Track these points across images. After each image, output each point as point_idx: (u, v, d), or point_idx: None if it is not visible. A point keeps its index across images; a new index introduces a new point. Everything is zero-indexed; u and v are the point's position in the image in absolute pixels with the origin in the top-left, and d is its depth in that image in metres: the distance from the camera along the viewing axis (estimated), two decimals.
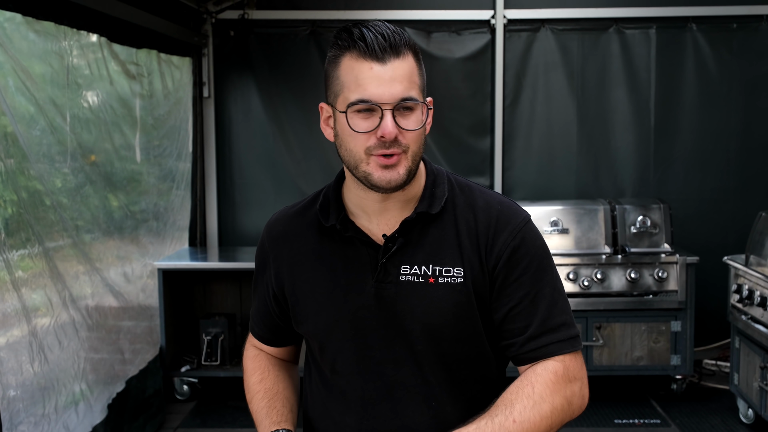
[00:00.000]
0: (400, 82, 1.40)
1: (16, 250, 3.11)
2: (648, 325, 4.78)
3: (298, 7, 5.58)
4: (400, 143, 1.41)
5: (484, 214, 1.50)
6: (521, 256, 1.48)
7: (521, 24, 5.52)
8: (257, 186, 5.73)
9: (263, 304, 1.67)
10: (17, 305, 3.09)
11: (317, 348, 1.56)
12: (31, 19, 3.25)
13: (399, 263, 1.48)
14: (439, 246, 1.48)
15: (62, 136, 3.55)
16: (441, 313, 1.47)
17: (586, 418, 4.58)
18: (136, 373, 4.31)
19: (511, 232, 1.49)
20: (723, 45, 5.48)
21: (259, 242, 1.68)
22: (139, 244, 4.55)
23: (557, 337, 1.48)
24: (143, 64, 4.51)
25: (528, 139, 5.61)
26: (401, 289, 1.48)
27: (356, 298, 1.50)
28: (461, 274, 1.47)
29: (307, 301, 1.55)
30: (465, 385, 1.53)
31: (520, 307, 1.48)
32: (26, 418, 3.11)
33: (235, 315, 5.29)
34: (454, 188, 1.54)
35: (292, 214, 1.64)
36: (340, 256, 1.53)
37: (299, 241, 1.58)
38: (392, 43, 1.41)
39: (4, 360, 2.98)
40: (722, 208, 5.52)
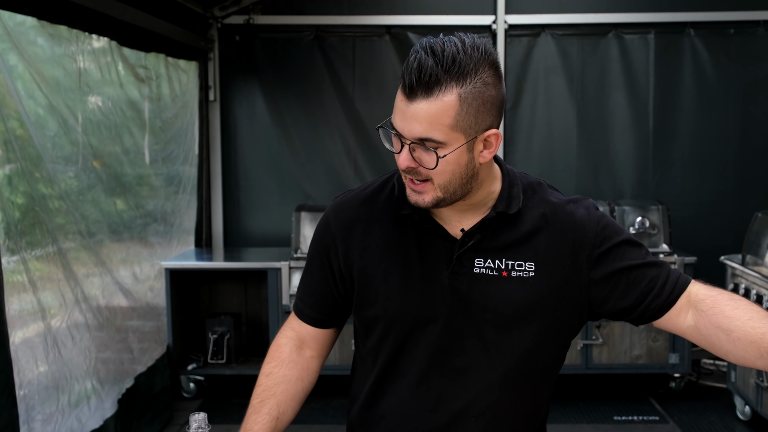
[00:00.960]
0: (420, 123, 1.39)
1: (31, 250, 3.20)
2: (647, 324, 4.85)
3: (302, 13, 5.67)
4: (420, 173, 1.44)
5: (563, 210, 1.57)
6: (610, 230, 1.56)
7: (522, 29, 5.62)
8: (262, 188, 5.82)
9: (322, 284, 1.67)
10: (33, 304, 3.18)
11: (381, 331, 1.59)
12: (45, 23, 3.34)
13: (473, 256, 1.53)
14: (513, 241, 1.54)
15: (74, 137, 3.64)
16: (512, 305, 1.52)
17: (585, 414, 4.66)
18: (144, 371, 4.39)
19: (595, 221, 1.56)
20: (720, 50, 5.58)
21: (321, 225, 1.67)
22: (147, 245, 4.64)
23: (675, 271, 1.58)
24: (151, 68, 4.61)
25: (529, 142, 5.71)
26: (474, 281, 1.53)
27: (430, 287, 1.54)
28: (533, 268, 1.52)
29: (378, 286, 1.57)
30: (528, 376, 1.57)
31: (639, 256, 1.56)
32: (41, 412, 3.20)
33: (241, 314, 5.38)
34: (527, 189, 1.58)
35: (362, 199, 1.64)
36: (414, 245, 1.56)
37: (372, 226, 1.60)
38: (428, 82, 1.38)
39: (21, 356, 3.06)
40: (720, 210, 5.61)
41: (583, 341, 4.87)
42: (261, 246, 5.74)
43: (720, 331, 1.49)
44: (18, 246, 3.08)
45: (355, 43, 5.68)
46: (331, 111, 5.72)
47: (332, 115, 5.73)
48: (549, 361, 1.60)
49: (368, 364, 1.66)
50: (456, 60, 1.37)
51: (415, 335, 1.55)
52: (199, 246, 5.59)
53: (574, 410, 4.73)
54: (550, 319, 1.55)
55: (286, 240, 5.53)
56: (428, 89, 1.37)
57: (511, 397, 1.56)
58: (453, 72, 1.37)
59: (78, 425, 3.48)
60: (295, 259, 4.94)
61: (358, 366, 1.72)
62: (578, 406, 4.81)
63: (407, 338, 1.56)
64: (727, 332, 1.48)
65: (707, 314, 1.50)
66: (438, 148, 1.40)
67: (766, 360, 1.43)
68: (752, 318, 1.45)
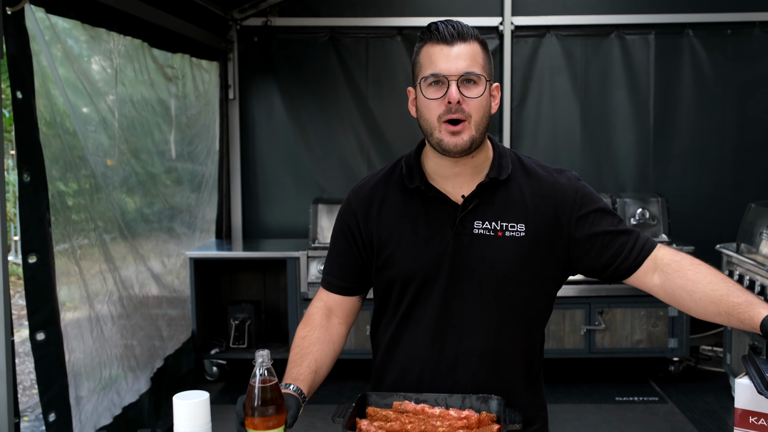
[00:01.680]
0: (464, 59, 1.72)
1: (77, 239, 3.47)
2: (647, 311, 5.12)
3: (318, 15, 5.93)
4: (464, 110, 1.71)
5: (550, 179, 1.85)
6: (588, 197, 1.84)
7: (528, 30, 5.87)
8: (279, 182, 6.08)
9: (348, 256, 1.94)
10: (80, 287, 3.45)
11: (398, 288, 1.87)
12: (87, 26, 3.61)
13: (473, 219, 1.81)
14: (506, 206, 1.82)
15: (111, 132, 3.91)
16: (506, 260, 1.79)
17: (588, 395, 4.92)
18: (172, 353, 4.66)
19: (578, 188, 1.84)
20: (718, 50, 5.82)
21: (343, 206, 1.98)
22: (174, 236, 4.91)
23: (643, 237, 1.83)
24: (178, 68, 4.87)
25: (534, 138, 5.96)
26: (474, 241, 1.80)
27: (437, 247, 1.81)
28: (523, 229, 1.80)
29: (394, 250, 1.85)
30: (521, 321, 1.85)
31: (612, 222, 1.83)
32: (87, 383, 3.47)
33: (260, 302, 5.64)
34: (515, 160, 1.88)
35: (375, 181, 1.94)
36: (422, 213, 1.84)
37: (385, 201, 1.88)
38: (460, 31, 1.74)
39: (69, 334, 3.33)
40: (718, 203, 5.85)
41: (586, 327, 5.12)
42: (278, 238, 6.00)
43: (684, 291, 1.73)
44: (67, 234, 3.35)
45: (368, 44, 5.93)
46: (345, 109, 5.98)
47: (346, 112, 5.98)
48: (538, 308, 1.88)
49: (388, 317, 1.93)
50: (466, 25, 1.76)
51: (426, 288, 1.83)
52: (219, 238, 5.85)
53: (578, 392, 4.98)
54: (538, 272, 1.83)
55: (302, 232, 5.79)
56: (462, 36, 1.73)
57: (508, 339, 1.83)
58: (472, 30, 1.76)
59: (117, 398, 3.76)
60: (313, 248, 5.20)
61: (380, 321, 1.99)
62: (582, 387, 5.06)
63: (419, 292, 1.84)
64: (689, 293, 1.72)
65: (672, 277, 1.75)
66: (479, 82, 1.74)
67: (724, 317, 1.68)
68: (711, 282, 1.69)
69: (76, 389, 3.34)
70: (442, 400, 1.69)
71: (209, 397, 1.52)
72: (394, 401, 1.70)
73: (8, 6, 2.86)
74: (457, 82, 1.71)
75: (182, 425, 1.46)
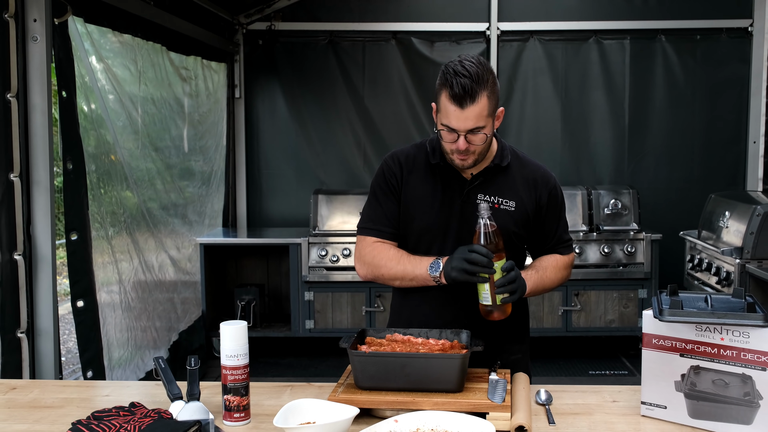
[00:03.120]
0: (471, 120, 2.13)
1: (111, 226, 3.94)
2: (619, 293, 5.60)
3: (318, 20, 6.39)
4: (469, 150, 2.20)
5: (536, 172, 2.38)
6: (554, 197, 2.39)
7: (513, 35, 6.34)
8: (281, 176, 6.54)
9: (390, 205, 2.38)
10: (112, 265, 3.92)
11: (415, 238, 2.36)
12: (117, 33, 4.07)
13: (477, 192, 2.32)
14: (503, 186, 2.33)
15: (136, 128, 4.37)
16: (499, 226, 2.25)
17: (565, 369, 5.40)
18: (185, 329, 5.13)
19: (551, 184, 2.39)
20: (688, 54, 6.30)
21: (382, 168, 2.41)
22: (186, 223, 5.37)
23: (569, 243, 2.47)
24: (191, 69, 5.33)
25: (519, 135, 6.42)
26: (476, 207, 2.27)
27: (447, 211, 2.31)
28: (514, 205, 2.32)
29: (416, 209, 2.34)
30: None
31: (552, 223, 2.40)
32: (118, 350, 3.94)
33: (264, 285, 6.11)
34: (513, 153, 2.39)
35: (407, 153, 2.41)
36: (440, 184, 2.32)
37: (413, 171, 2.36)
38: (471, 91, 2.09)
39: (107, 310, 3.81)
40: (687, 196, 6.31)
41: (563, 308, 5.61)
42: (280, 227, 6.46)
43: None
44: (103, 221, 3.82)
45: (365, 47, 6.40)
46: (343, 107, 6.44)
47: (344, 111, 6.44)
48: (519, 258, 2.42)
49: None
50: (480, 75, 2.12)
51: (437, 242, 2.34)
52: (226, 227, 6.31)
53: (555, 366, 5.47)
54: (521, 236, 2.37)
55: (302, 221, 6.25)
56: (472, 98, 2.11)
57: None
58: (481, 83, 2.12)
59: (141, 364, 4.23)
60: (313, 235, 5.66)
61: None
62: (559, 363, 5.55)
63: (431, 244, 2.34)
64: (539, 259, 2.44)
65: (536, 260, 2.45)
66: (483, 129, 2.17)
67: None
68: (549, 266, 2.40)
69: (108, 354, 3.81)
70: (424, 333, 2.16)
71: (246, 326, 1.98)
72: (387, 334, 2.17)
73: (56, 17, 3.32)
74: (465, 134, 2.16)
75: (227, 345, 1.93)
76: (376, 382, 1.98)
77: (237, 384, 1.94)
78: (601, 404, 2.10)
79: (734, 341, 1.82)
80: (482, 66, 2.15)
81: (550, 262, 2.41)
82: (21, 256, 3.16)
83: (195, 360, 2.00)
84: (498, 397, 1.94)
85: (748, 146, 6.27)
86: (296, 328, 5.76)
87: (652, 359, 1.98)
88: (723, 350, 1.84)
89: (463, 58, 2.17)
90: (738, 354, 1.82)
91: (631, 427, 1.93)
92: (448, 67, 2.17)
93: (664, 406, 1.95)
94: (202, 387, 2.03)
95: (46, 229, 3.24)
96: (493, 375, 2.07)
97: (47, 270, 3.25)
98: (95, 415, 1.95)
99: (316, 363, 5.77)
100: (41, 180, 3.22)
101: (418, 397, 1.93)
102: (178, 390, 2.03)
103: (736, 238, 4.59)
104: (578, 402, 2.12)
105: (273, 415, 1.85)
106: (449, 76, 2.13)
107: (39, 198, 3.23)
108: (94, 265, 3.69)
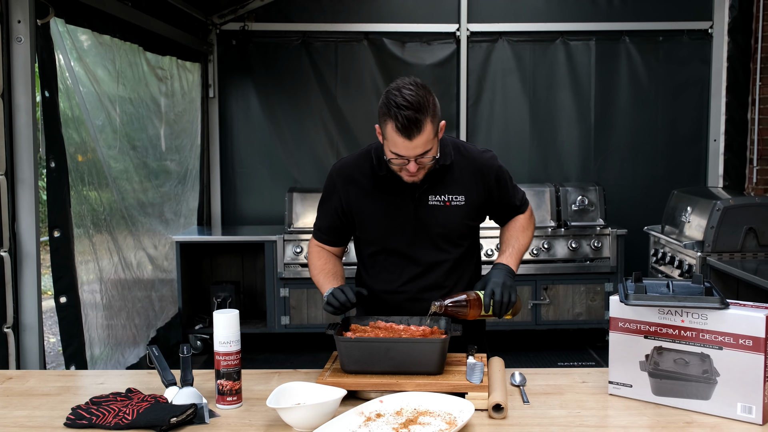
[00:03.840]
0: (419, 147, 2.22)
1: (91, 224, 4.00)
2: (586, 287, 5.78)
3: (291, 20, 6.48)
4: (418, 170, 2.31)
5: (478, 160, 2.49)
6: (500, 176, 2.51)
7: (482, 36, 6.49)
8: (255, 174, 6.62)
9: (331, 219, 2.54)
10: (93, 263, 3.99)
11: (376, 244, 2.50)
12: (97, 33, 4.14)
13: (427, 193, 2.43)
14: (450, 183, 2.45)
15: (114, 126, 4.43)
16: (452, 221, 2.43)
17: (533, 362, 5.56)
18: (163, 325, 5.20)
19: (495, 167, 2.51)
20: (651, 55, 6.50)
21: (327, 181, 2.56)
22: (163, 221, 5.43)
23: (524, 200, 2.63)
24: (167, 69, 5.40)
25: (488, 134, 6.57)
26: (429, 210, 2.43)
27: (402, 216, 2.42)
28: (463, 199, 2.44)
29: (370, 218, 2.47)
30: (461, 249, 2.52)
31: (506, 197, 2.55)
32: (99, 345, 4.00)
33: (240, 282, 6.19)
34: (454, 146, 2.50)
35: (352, 163, 2.53)
36: (389, 191, 2.42)
37: (361, 180, 2.47)
38: (417, 122, 2.17)
39: (87, 307, 3.87)
40: (651, 192, 6.50)
41: (533, 301, 5.77)
42: (255, 224, 6.54)
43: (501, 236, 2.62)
44: (84, 219, 3.89)
45: (337, 47, 6.50)
46: (316, 106, 6.54)
47: (317, 110, 6.54)
48: (474, 248, 2.60)
49: (368, 263, 2.58)
50: (421, 102, 2.19)
51: (393, 243, 2.47)
52: (201, 225, 6.38)
53: (525, 358, 5.62)
54: (474, 225, 2.53)
55: (277, 219, 6.34)
56: (419, 129, 2.20)
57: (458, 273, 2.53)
58: (424, 110, 2.19)
59: (122, 359, 4.30)
60: (288, 232, 5.76)
61: (361, 262, 2.63)
62: (529, 355, 5.71)
63: (388, 245, 2.49)
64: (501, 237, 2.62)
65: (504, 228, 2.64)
66: (430, 152, 2.28)
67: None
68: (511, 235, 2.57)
69: (90, 349, 3.87)
70: (405, 321, 2.29)
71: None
72: (370, 321, 2.29)
73: (39, 18, 3.38)
74: (414, 159, 2.26)
75: (220, 332, 2.03)
76: (362, 366, 2.10)
77: (230, 369, 2.05)
78: (571, 385, 2.25)
79: (694, 323, 1.97)
80: (422, 91, 2.21)
81: (516, 228, 2.58)
82: (7, 252, 3.22)
83: (187, 348, 2.09)
84: (476, 378, 2.07)
85: (709, 144, 6.49)
86: (272, 324, 5.86)
87: (619, 341, 2.12)
88: (683, 331, 1.98)
89: (401, 86, 2.22)
90: (697, 335, 1.96)
91: (600, 404, 2.07)
92: (389, 98, 2.21)
93: (630, 385, 2.09)
94: (193, 374, 2.12)
95: (31, 226, 3.31)
96: (470, 358, 2.20)
97: (32, 266, 3.31)
98: (93, 400, 2.04)
99: (292, 358, 5.87)
100: (26, 178, 3.29)
101: (402, 379, 2.05)
102: (173, 376, 2.13)
103: (698, 233, 4.78)
104: (550, 383, 2.26)
105: (263, 399, 1.96)
106: (393, 109, 2.18)
107: (24, 196, 3.29)
108: (78, 267, 3.75)
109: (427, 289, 2.47)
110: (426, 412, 1.92)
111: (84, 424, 1.91)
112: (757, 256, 4.64)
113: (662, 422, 1.93)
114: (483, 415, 1.97)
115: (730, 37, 6.29)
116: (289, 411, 1.88)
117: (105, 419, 1.91)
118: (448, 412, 1.91)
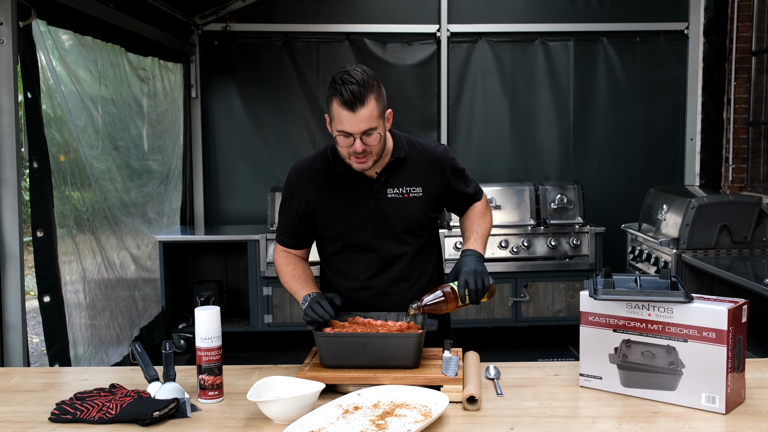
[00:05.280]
0: (364, 121, 2.26)
1: (74, 224, 4.03)
2: (566, 284, 5.87)
3: (273, 21, 6.52)
4: (365, 151, 2.35)
5: (433, 153, 2.57)
6: (455, 168, 2.59)
7: (462, 36, 6.55)
8: (238, 174, 6.66)
9: (293, 222, 2.59)
10: (77, 263, 4.02)
11: (338, 242, 2.55)
12: (79, 35, 4.17)
13: (386, 187, 2.48)
14: (407, 176, 2.51)
15: (97, 127, 4.47)
16: (412, 213, 2.49)
17: (515, 357, 5.64)
18: (146, 324, 5.23)
19: (449, 159, 2.59)
20: (629, 55, 6.59)
21: (286, 185, 2.59)
22: (146, 221, 5.46)
23: (478, 189, 2.72)
24: (149, 69, 5.43)
25: (468, 134, 6.64)
26: (389, 202, 2.49)
27: (362, 211, 2.47)
28: (421, 191, 2.51)
29: (331, 215, 2.51)
30: (422, 240, 2.59)
31: (462, 187, 2.63)
32: (83, 345, 4.04)
33: (223, 281, 6.23)
34: (408, 141, 2.57)
35: (309, 164, 2.57)
36: (349, 188, 2.48)
37: (320, 180, 2.51)
38: (360, 96, 2.23)
39: (71, 306, 3.90)
40: (629, 191, 6.59)
41: (513, 299, 5.84)
42: (237, 224, 6.58)
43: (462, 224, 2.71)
44: (67, 219, 3.92)
45: (318, 48, 6.55)
46: (298, 106, 6.58)
47: (299, 110, 6.59)
48: (431, 229, 2.66)
49: (332, 260, 2.63)
50: (366, 80, 2.26)
51: (356, 237, 2.53)
52: (184, 224, 6.41)
53: (505, 355, 5.70)
54: (433, 216, 2.60)
55: (259, 218, 6.38)
56: (362, 102, 2.25)
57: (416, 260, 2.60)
58: (368, 87, 2.26)
59: (106, 358, 4.33)
60: (271, 232, 5.80)
61: (325, 261, 2.69)
62: (509, 351, 5.79)
63: (351, 240, 2.54)
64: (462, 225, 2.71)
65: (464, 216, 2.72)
66: (376, 130, 2.32)
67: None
68: (472, 222, 2.65)
69: (74, 348, 3.91)
70: (383, 316, 2.35)
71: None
72: (348, 317, 2.35)
73: (21, 20, 3.41)
74: (360, 137, 2.31)
75: (202, 328, 2.08)
76: (340, 361, 2.16)
77: (211, 364, 2.10)
78: (544, 378, 2.31)
79: (660, 316, 2.04)
80: (366, 73, 2.29)
81: (475, 214, 2.68)
82: None
83: (170, 344, 2.14)
84: (451, 371, 2.13)
85: (686, 143, 6.59)
86: (255, 322, 5.90)
87: (589, 335, 2.19)
88: (650, 325, 2.06)
89: (348, 68, 2.30)
90: (663, 328, 2.04)
91: (571, 396, 2.14)
92: (335, 77, 2.29)
93: (600, 377, 2.16)
94: (176, 370, 2.17)
95: (14, 226, 3.34)
96: (446, 353, 2.26)
97: (15, 266, 3.35)
98: (78, 395, 2.09)
99: (275, 356, 5.91)
100: (9, 179, 3.32)
101: (379, 373, 2.12)
102: (155, 372, 2.18)
103: (674, 230, 4.87)
104: (524, 376, 2.32)
105: (244, 393, 2.02)
106: (338, 86, 2.25)
107: (7, 196, 3.33)
108: (61, 266, 3.78)
109: (392, 283, 2.54)
110: (402, 404, 1.98)
111: (68, 418, 1.96)
112: (730, 253, 4.74)
113: (630, 412, 2.00)
114: (457, 407, 2.04)
115: (706, 38, 6.39)
116: (269, 404, 1.93)
117: (89, 414, 1.96)
118: (424, 404, 1.97)
